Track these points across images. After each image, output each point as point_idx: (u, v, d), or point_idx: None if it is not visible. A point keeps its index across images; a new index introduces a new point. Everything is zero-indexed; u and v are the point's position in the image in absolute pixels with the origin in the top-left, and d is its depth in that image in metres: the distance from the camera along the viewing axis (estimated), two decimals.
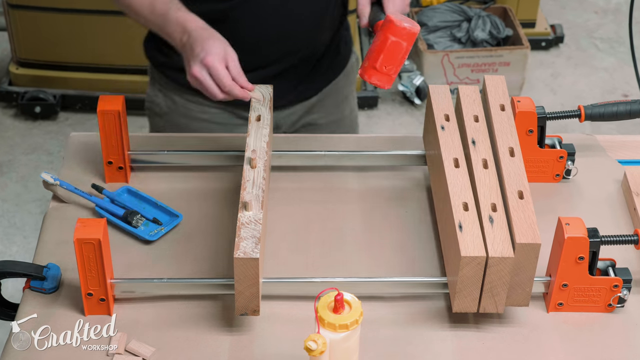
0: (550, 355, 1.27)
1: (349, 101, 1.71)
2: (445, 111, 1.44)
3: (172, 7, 1.40)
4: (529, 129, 1.47)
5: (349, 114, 1.71)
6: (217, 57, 1.33)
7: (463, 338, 1.28)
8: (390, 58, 1.31)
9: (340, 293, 1.10)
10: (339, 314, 1.10)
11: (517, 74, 3.12)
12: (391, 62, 1.31)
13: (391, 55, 1.30)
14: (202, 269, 1.37)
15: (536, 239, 1.22)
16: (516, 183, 1.31)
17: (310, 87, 1.63)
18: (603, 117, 1.54)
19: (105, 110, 1.43)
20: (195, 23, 1.38)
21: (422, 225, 1.45)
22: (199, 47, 1.34)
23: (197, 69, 1.33)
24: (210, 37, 1.35)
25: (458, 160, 1.35)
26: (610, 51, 3.47)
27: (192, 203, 1.48)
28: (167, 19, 1.39)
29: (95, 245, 1.22)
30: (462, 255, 1.22)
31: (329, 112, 1.67)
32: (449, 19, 3.21)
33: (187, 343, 1.26)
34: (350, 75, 1.69)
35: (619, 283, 1.29)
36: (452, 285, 1.28)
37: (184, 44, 1.37)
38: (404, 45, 1.31)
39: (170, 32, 1.39)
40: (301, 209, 1.48)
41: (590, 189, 1.53)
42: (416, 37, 1.33)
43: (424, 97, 3.12)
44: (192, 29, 1.37)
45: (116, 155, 1.48)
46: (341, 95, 1.68)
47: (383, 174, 1.55)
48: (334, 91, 1.66)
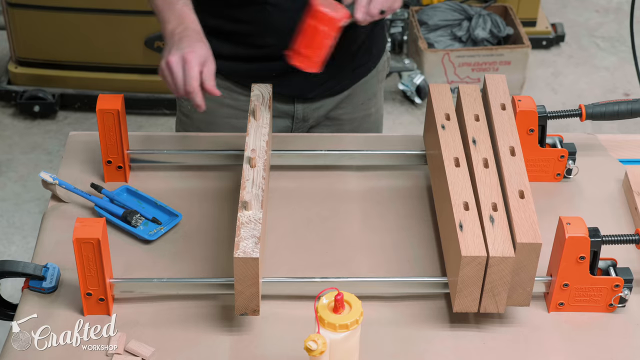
0: (551, 355, 1.26)
1: (377, 99, 1.72)
2: (446, 110, 1.43)
3: (181, 1, 1.44)
4: (529, 128, 1.47)
5: (374, 112, 1.72)
6: (198, 57, 1.37)
7: (464, 338, 1.28)
8: (309, 41, 1.31)
9: (341, 293, 1.10)
10: (339, 314, 1.10)
11: (517, 73, 3.12)
12: (310, 45, 1.31)
13: (309, 38, 1.31)
14: (201, 268, 1.36)
15: (537, 238, 1.22)
16: (517, 182, 1.30)
17: (341, 83, 1.63)
18: (604, 117, 1.53)
19: (104, 110, 1.43)
20: (194, 24, 1.43)
21: (422, 225, 1.45)
22: (186, 42, 1.38)
23: (175, 58, 1.37)
24: (200, 41, 1.40)
25: (459, 159, 1.35)
26: (612, 50, 3.47)
27: (191, 202, 1.47)
28: (172, 8, 1.44)
29: (95, 244, 1.22)
30: (462, 255, 1.21)
31: (356, 108, 1.68)
32: (449, 18, 3.21)
33: (186, 343, 1.26)
34: (381, 73, 1.70)
35: (620, 283, 1.29)
36: (452, 285, 1.28)
37: (175, 33, 1.41)
38: (323, 30, 1.30)
39: (167, 18, 1.44)
40: (301, 209, 1.47)
41: (591, 188, 1.52)
42: (340, 24, 1.31)
43: (424, 96, 3.11)
44: (189, 27, 1.41)
45: (115, 154, 1.48)
46: (370, 93, 1.69)
47: (383, 174, 1.54)
48: (364, 88, 1.67)
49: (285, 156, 1.53)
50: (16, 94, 3.03)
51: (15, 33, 2.95)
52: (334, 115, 1.67)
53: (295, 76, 1.44)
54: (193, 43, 1.38)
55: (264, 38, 1.53)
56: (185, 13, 1.43)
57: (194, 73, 1.36)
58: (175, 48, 1.38)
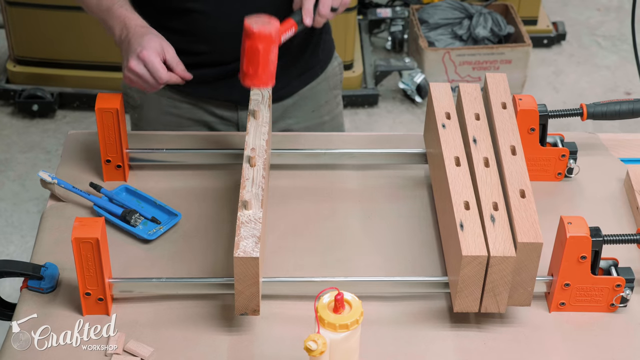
0: (553, 355, 1.26)
1: (330, 106, 1.70)
2: (447, 109, 1.43)
3: (117, 3, 1.46)
4: (530, 127, 1.46)
5: (329, 121, 1.71)
6: (153, 51, 1.39)
7: (464, 338, 1.28)
8: (251, 61, 1.34)
9: (341, 293, 1.09)
10: (339, 313, 1.09)
11: (518, 72, 3.11)
12: (253, 64, 1.34)
13: (251, 58, 1.34)
14: (201, 268, 1.36)
15: (538, 238, 1.21)
16: (518, 182, 1.30)
17: (285, 88, 1.61)
18: (605, 116, 1.53)
19: (103, 108, 1.42)
20: (135, 21, 1.45)
21: (422, 224, 1.44)
22: (136, 42, 1.40)
23: (134, 63, 1.39)
24: (146, 34, 1.42)
25: (459, 158, 1.34)
26: (613, 49, 3.46)
27: (191, 202, 1.47)
28: (111, 14, 1.46)
29: (94, 244, 1.21)
30: (463, 254, 1.21)
31: (306, 116, 1.67)
32: (450, 16, 3.21)
33: (186, 343, 1.26)
34: (331, 80, 1.68)
35: (622, 282, 1.29)
36: (453, 284, 1.27)
37: (122, 39, 1.43)
38: (262, 48, 1.33)
39: (111, 25, 1.46)
40: (301, 208, 1.47)
41: (593, 187, 1.52)
42: (271, 36, 1.33)
43: (424, 95, 3.11)
44: (131, 26, 1.43)
45: (114, 153, 1.47)
46: (321, 100, 1.67)
47: (383, 173, 1.54)
48: (312, 95, 1.66)
49: (285, 155, 1.52)
50: (15, 92, 3.03)
51: (14, 31, 2.95)
52: (284, 127, 1.66)
53: (235, 81, 1.42)
54: (141, 41, 1.40)
55: (197, 45, 1.53)
56: (123, 15, 1.45)
57: (158, 65, 1.38)
58: (130, 53, 1.40)
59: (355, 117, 3.08)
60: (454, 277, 1.26)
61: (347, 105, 3.08)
